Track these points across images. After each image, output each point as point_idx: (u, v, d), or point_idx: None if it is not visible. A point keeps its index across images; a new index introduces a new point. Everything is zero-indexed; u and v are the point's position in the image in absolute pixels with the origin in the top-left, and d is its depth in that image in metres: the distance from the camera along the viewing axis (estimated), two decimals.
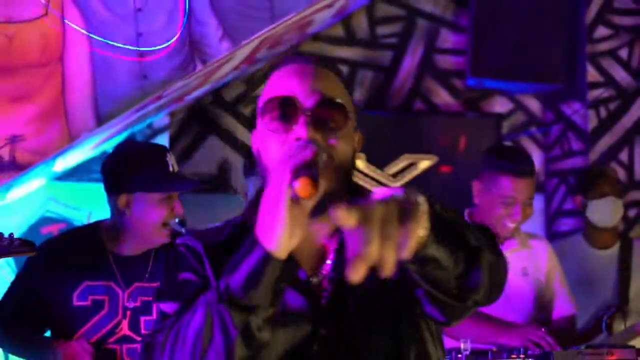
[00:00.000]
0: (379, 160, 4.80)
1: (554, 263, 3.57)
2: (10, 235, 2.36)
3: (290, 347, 1.42)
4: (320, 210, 1.39)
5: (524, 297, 3.45)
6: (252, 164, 3.20)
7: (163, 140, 4.45)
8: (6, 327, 2.71)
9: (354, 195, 1.49)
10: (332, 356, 1.43)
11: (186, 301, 1.41)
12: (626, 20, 5.02)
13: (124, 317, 2.67)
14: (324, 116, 1.45)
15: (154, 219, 2.64)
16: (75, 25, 3.25)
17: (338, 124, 1.46)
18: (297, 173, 1.30)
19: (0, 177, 3.21)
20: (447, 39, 5.01)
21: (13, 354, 2.88)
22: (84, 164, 4.12)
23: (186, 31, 3.31)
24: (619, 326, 3.81)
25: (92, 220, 3.05)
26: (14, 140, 3.22)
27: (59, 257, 2.65)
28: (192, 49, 3.33)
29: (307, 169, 1.30)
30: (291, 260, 1.35)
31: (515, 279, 3.43)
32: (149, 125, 4.32)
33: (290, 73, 1.49)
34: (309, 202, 1.32)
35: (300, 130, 1.42)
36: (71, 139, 3.29)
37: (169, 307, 1.44)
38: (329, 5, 3.93)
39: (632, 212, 4.96)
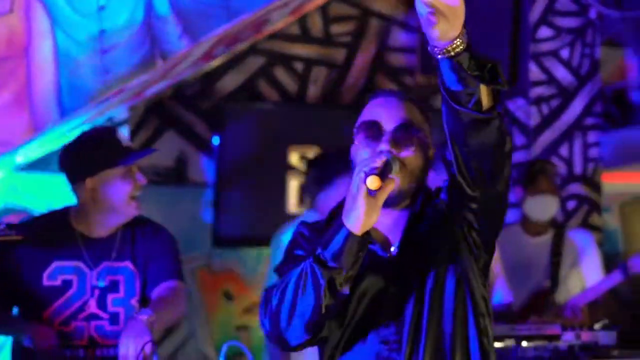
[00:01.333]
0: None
1: (495, 252, 3.80)
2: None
3: (371, 299, 1.98)
4: (396, 201, 1.98)
5: None
6: (322, 177, 3.49)
7: (123, 133, 4.57)
8: None
9: (423, 194, 2.04)
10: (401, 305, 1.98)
11: (294, 267, 1.94)
12: (567, 22, 5.27)
13: (92, 295, 2.80)
14: (400, 136, 1.96)
15: (123, 193, 2.81)
16: (39, 22, 3.35)
17: (411, 141, 1.98)
18: (368, 173, 1.82)
19: None
20: (398, 37, 5.21)
21: None
22: (44, 155, 4.22)
23: (147, 28, 3.44)
24: (550, 306, 4.09)
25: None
26: None
27: (30, 239, 2.78)
28: (153, 45, 3.46)
29: (374, 170, 1.82)
30: (367, 237, 1.87)
31: None
32: (109, 119, 4.44)
33: (379, 103, 2.02)
34: (382, 195, 1.83)
35: (383, 145, 1.94)
36: (35, 131, 3.40)
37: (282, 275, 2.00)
38: (285, 5, 4.08)
39: (570, 204, 5.21)
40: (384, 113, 1.99)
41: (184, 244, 5.03)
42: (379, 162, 1.83)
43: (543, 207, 4.23)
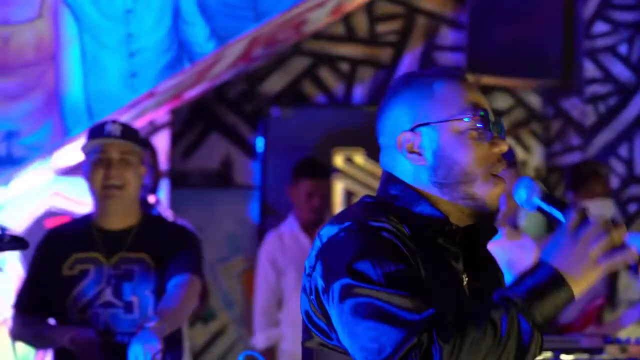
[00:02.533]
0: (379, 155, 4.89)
1: None
2: (2, 229, 2.42)
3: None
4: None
5: None
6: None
7: (165, 136, 4.59)
8: (24, 313, 2.97)
9: None
10: None
11: (447, 299, 1.49)
12: (626, 16, 5.04)
13: (108, 284, 2.90)
14: (503, 129, 1.62)
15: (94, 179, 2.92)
16: (67, 27, 3.38)
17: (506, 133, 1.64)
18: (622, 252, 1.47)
19: None
20: (446, 36, 5.08)
21: (29, 343, 3.13)
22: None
23: (174, 31, 3.43)
24: (608, 316, 3.88)
25: None
26: (10, 136, 3.38)
27: (55, 238, 2.98)
28: (181, 48, 3.45)
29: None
30: None
31: None
32: (150, 122, 4.46)
33: (470, 88, 1.61)
34: None
35: (504, 145, 1.58)
36: (64, 135, 3.43)
37: (397, 302, 1.43)
38: (321, 4, 4.02)
39: (632, 208, 4.98)
40: (480, 98, 1.60)
41: (230, 246, 5.09)
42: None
43: (596, 211, 4.03)
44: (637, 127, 5.05)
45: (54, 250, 2.94)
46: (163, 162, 4.55)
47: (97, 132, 2.90)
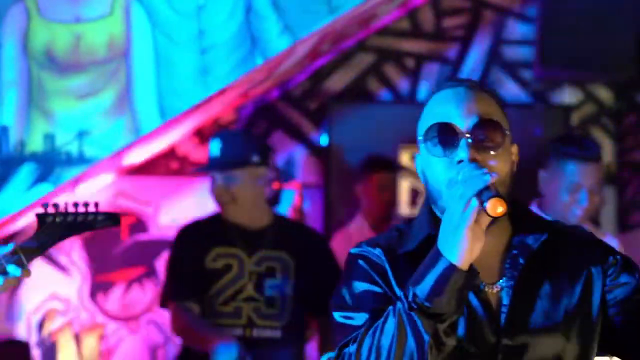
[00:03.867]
0: None
1: None
2: (96, 206, 2.32)
3: (476, 357, 1.56)
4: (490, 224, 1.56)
5: None
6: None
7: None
8: (179, 303, 3.09)
9: (513, 207, 1.61)
10: None
11: (374, 313, 1.56)
12: None
13: (250, 279, 3.08)
14: (482, 137, 1.59)
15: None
16: (139, 23, 3.34)
17: (496, 142, 1.60)
18: (483, 195, 1.48)
19: (69, 172, 3.34)
20: (515, 29, 4.95)
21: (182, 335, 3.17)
22: (152, 158, 4.24)
23: (246, 26, 3.36)
24: None
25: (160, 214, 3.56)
26: (81, 135, 3.34)
27: (192, 232, 3.17)
28: (253, 44, 3.39)
29: (491, 190, 1.48)
30: (473, 270, 1.51)
31: None
32: (215, 121, 4.41)
33: (447, 98, 1.62)
34: (486, 220, 1.50)
35: (462, 153, 1.56)
36: (136, 134, 3.38)
37: (356, 318, 1.58)
38: None
39: None
40: (455, 110, 1.59)
41: None
42: (490, 179, 1.49)
43: None
44: None
45: (193, 244, 3.11)
46: None
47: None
